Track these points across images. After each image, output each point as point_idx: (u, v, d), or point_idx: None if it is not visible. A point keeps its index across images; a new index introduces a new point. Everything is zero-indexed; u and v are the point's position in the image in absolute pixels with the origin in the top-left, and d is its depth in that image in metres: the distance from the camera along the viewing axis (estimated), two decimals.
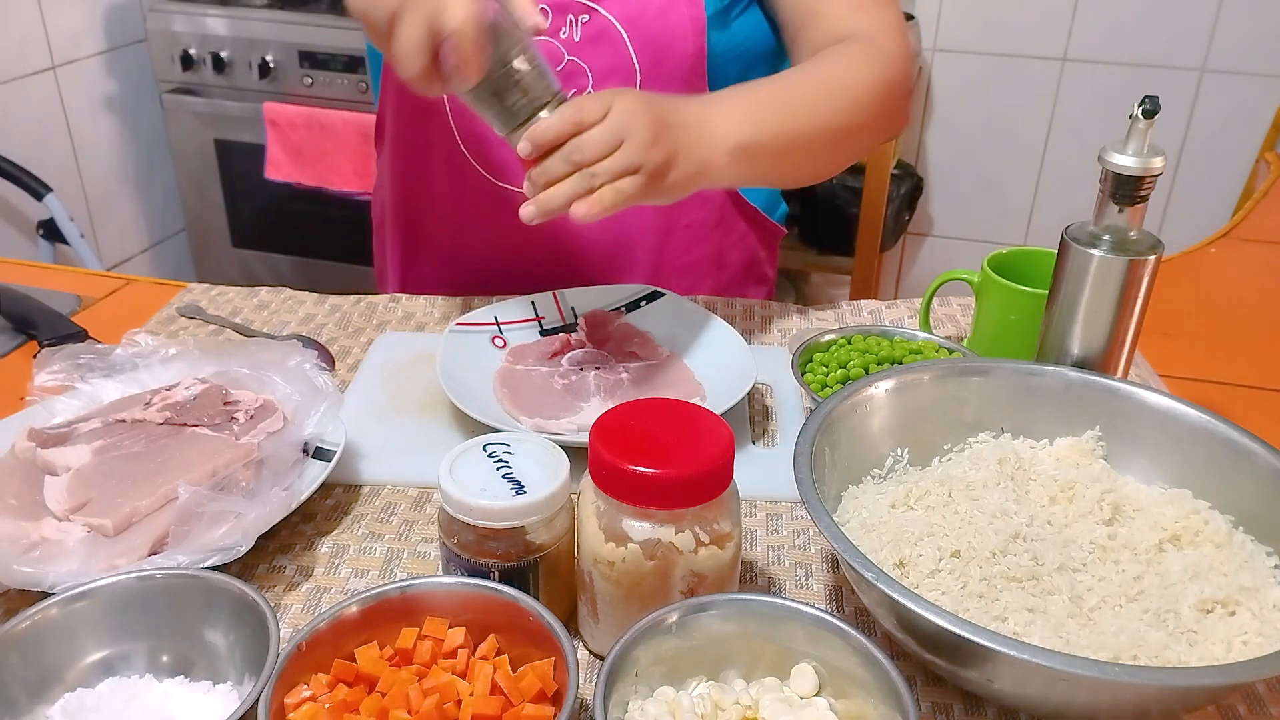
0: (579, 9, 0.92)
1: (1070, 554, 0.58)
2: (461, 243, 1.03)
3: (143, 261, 2.40)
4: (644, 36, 0.93)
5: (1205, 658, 0.52)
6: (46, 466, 0.67)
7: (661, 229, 1.02)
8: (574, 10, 0.92)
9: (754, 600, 0.53)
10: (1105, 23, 2.14)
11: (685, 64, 0.93)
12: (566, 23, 0.93)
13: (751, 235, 1.08)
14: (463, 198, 1.00)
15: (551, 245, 1.00)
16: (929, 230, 2.47)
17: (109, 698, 0.53)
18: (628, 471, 0.52)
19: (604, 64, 0.94)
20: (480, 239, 1.02)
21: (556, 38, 0.93)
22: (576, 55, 0.93)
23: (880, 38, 0.89)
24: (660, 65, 0.94)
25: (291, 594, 0.63)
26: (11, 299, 0.93)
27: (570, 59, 0.93)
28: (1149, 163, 0.65)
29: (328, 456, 0.69)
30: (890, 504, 0.62)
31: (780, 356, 0.88)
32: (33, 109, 2.04)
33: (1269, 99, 2.10)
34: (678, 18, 0.93)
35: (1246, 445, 0.61)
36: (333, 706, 0.49)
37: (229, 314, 0.97)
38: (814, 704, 0.50)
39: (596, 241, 1.01)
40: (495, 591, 0.53)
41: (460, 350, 0.83)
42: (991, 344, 0.82)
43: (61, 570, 0.57)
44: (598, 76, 0.94)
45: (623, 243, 1.02)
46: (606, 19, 0.92)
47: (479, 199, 0.99)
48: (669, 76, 0.94)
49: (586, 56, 0.93)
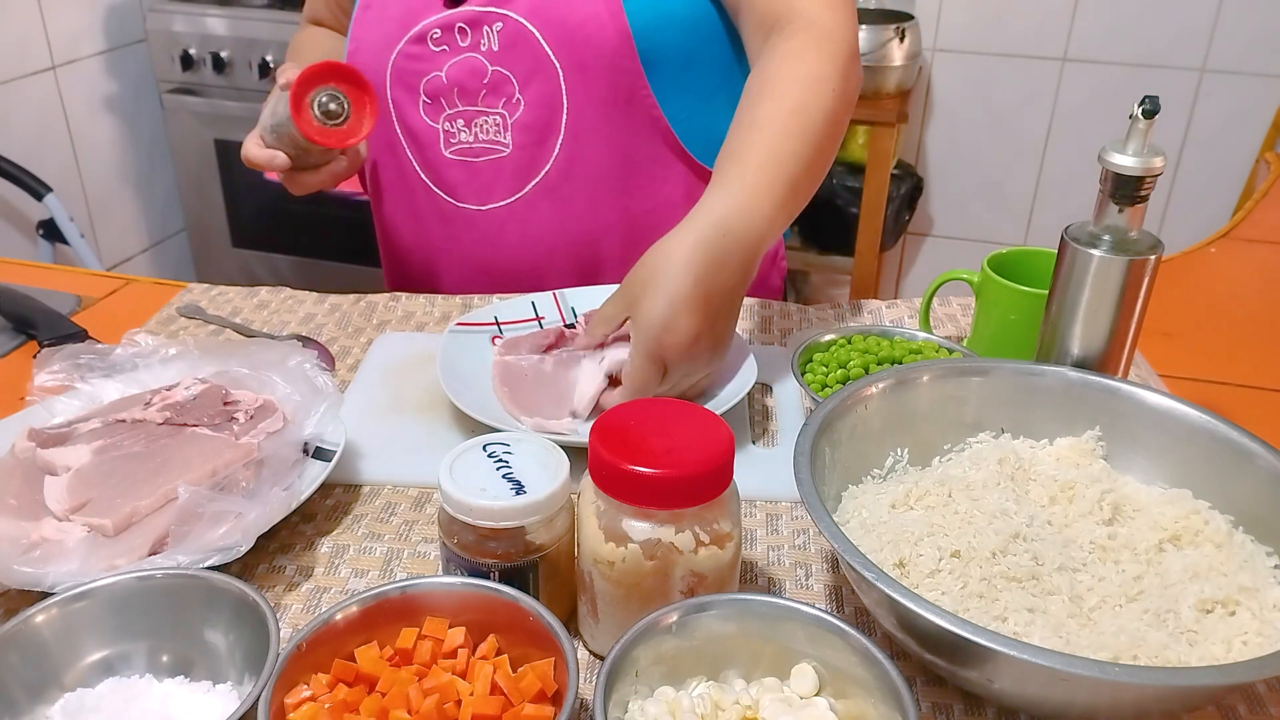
0: (493, 18, 0.92)
1: (1070, 554, 0.58)
2: (435, 262, 1.05)
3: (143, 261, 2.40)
4: (556, 31, 0.92)
5: (1205, 658, 0.52)
6: (46, 466, 0.67)
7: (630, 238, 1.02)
8: (488, 21, 0.93)
9: (754, 600, 0.53)
10: (1105, 23, 2.14)
11: (608, 49, 0.91)
12: (484, 34, 0.93)
13: None
14: (435, 222, 1.03)
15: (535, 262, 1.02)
16: (929, 230, 2.47)
17: (109, 698, 0.53)
18: (628, 471, 0.52)
19: (524, 68, 0.94)
20: (448, 256, 1.04)
21: (478, 51, 0.94)
22: (498, 64, 0.94)
23: (817, 12, 0.84)
24: (580, 56, 0.92)
25: (291, 594, 0.63)
26: (11, 299, 0.93)
27: (494, 70, 0.94)
28: (1149, 163, 0.65)
29: (328, 456, 0.69)
30: (890, 504, 0.62)
31: (780, 356, 0.88)
32: (33, 109, 2.04)
33: (1269, 99, 2.10)
34: (583, 7, 0.91)
35: (1246, 445, 0.61)
36: (333, 706, 0.49)
37: (229, 314, 0.97)
38: (814, 704, 0.50)
39: (575, 254, 1.01)
40: (495, 591, 0.53)
41: (460, 350, 0.83)
42: (991, 344, 0.82)
43: (61, 570, 0.57)
44: (522, 82, 0.94)
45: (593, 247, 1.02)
46: (518, 22, 0.92)
47: (443, 220, 1.02)
48: (593, 66, 0.93)
49: (507, 63, 0.94)
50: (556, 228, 1.00)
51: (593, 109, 0.95)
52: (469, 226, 1.01)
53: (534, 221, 0.99)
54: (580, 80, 0.93)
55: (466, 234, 1.01)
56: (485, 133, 0.96)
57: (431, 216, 1.02)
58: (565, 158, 0.96)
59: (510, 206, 0.99)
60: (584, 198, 0.99)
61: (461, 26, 0.93)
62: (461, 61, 0.94)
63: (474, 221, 1.00)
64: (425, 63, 0.95)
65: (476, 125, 0.96)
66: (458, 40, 0.94)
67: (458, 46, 0.94)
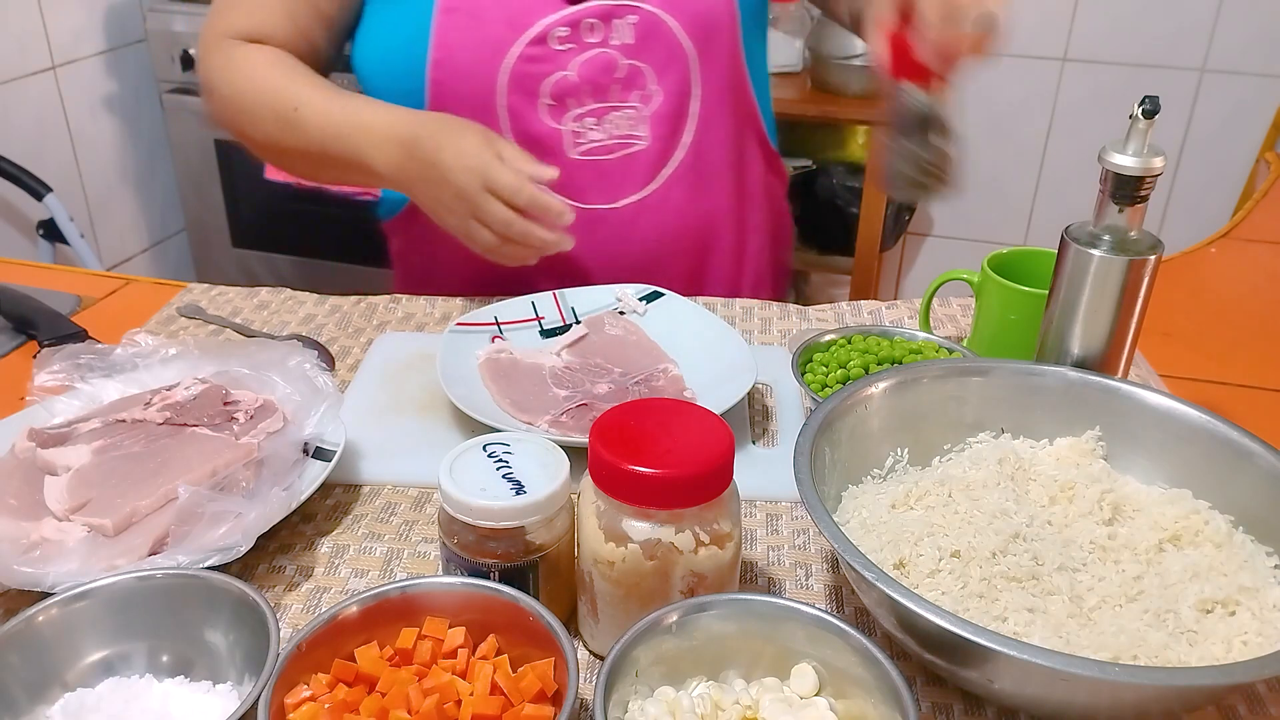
0: (624, 11, 0.92)
1: (1070, 554, 0.58)
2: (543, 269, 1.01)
3: (143, 261, 2.40)
4: (689, 19, 0.94)
5: (1205, 658, 0.52)
6: (46, 466, 0.67)
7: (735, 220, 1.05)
8: (619, 14, 0.92)
9: (754, 600, 0.53)
10: (1105, 23, 2.14)
11: (725, 35, 0.95)
12: (615, 28, 0.93)
13: (773, 181, 1.12)
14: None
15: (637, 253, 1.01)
16: (929, 230, 2.47)
17: (109, 698, 0.53)
18: (628, 471, 0.52)
19: (660, 58, 0.94)
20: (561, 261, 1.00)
21: (609, 46, 0.93)
22: (633, 57, 0.94)
23: None
24: (709, 43, 0.95)
25: (291, 594, 0.63)
26: (11, 299, 0.93)
27: (628, 63, 0.94)
28: (1149, 163, 0.65)
29: (328, 456, 0.69)
30: (890, 504, 0.62)
31: (780, 356, 0.88)
32: (33, 109, 2.04)
33: (1269, 99, 2.10)
34: None
35: (1246, 445, 0.61)
36: (333, 706, 0.49)
37: (229, 314, 0.97)
38: (814, 704, 0.50)
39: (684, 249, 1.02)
40: (495, 591, 0.53)
41: (460, 350, 0.83)
42: (991, 344, 0.82)
43: (61, 570, 0.57)
44: (657, 71, 0.95)
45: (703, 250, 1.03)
46: (652, 13, 0.93)
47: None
48: (717, 53, 0.96)
49: (642, 55, 0.94)
50: (683, 216, 1.01)
51: (718, 94, 0.98)
52: (594, 227, 0.98)
53: (666, 211, 1.00)
54: (708, 66, 0.96)
55: (590, 235, 0.98)
56: (619, 128, 0.96)
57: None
58: (695, 145, 0.98)
59: (644, 200, 0.99)
60: (708, 184, 1.01)
61: (590, 22, 0.92)
62: (592, 58, 0.93)
63: (601, 220, 0.99)
64: (548, 63, 0.93)
65: (609, 122, 0.95)
66: (586, 37, 0.92)
67: (586, 43, 0.93)
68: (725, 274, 1.06)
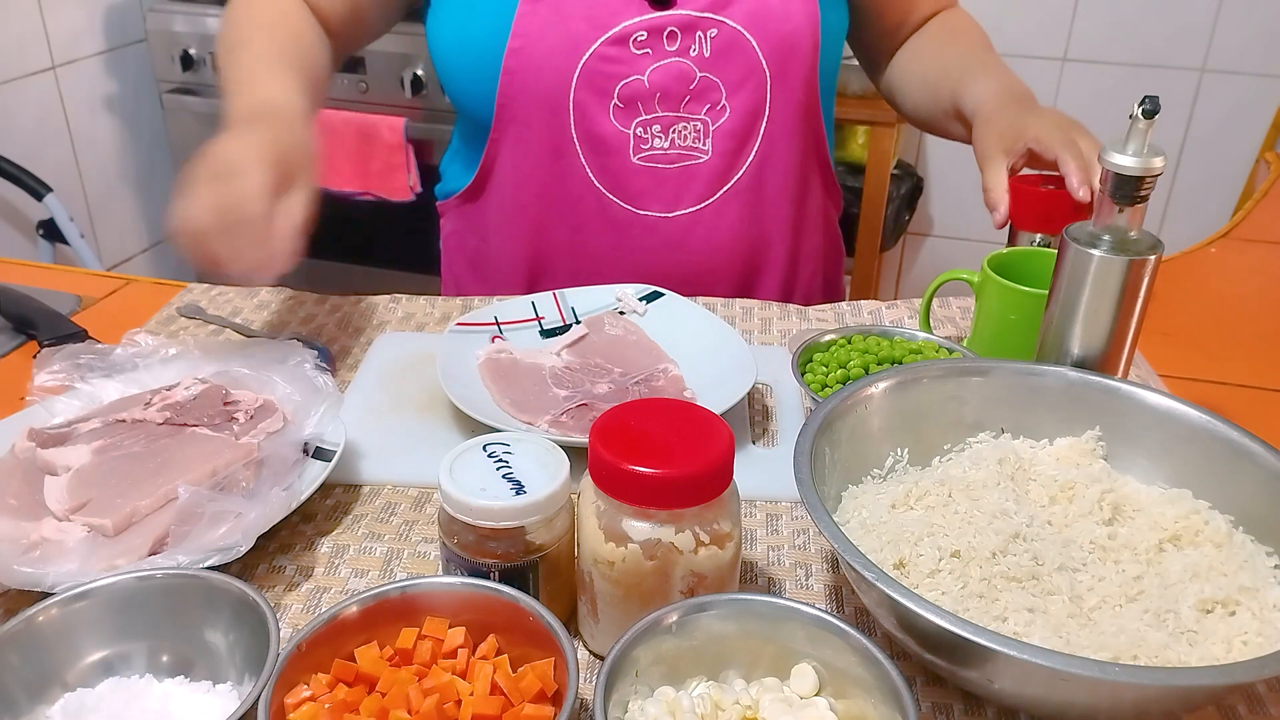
0: (707, 24, 0.92)
1: (1070, 554, 0.58)
2: (595, 268, 1.02)
3: (143, 261, 2.40)
4: (771, 40, 0.93)
5: (1205, 658, 0.52)
6: (46, 466, 0.67)
7: (789, 244, 1.05)
8: (702, 26, 0.92)
9: (754, 600, 0.53)
10: (1105, 23, 2.14)
11: (805, 60, 0.95)
12: (695, 40, 0.92)
13: (829, 206, 1.13)
14: (600, 229, 1.00)
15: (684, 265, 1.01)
16: (929, 230, 2.47)
17: (109, 698, 0.53)
18: (628, 471, 0.52)
19: (735, 75, 0.94)
20: (613, 263, 1.02)
21: (687, 56, 0.93)
22: (708, 70, 0.94)
23: (959, 11, 1.09)
24: (787, 65, 0.95)
25: (291, 594, 0.63)
26: (11, 299, 0.93)
27: (702, 75, 0.93)
28: (1149, 163, 0.65)
29: (328, 456, 0.69)
30: (890, 504, 0.62)
31: (780, 356, 0.88)
32: (33, 109, 2.04)
33: (1269, 99, 2.10)
34: (796, 13, 0.94)
35: (1246, 445, 0.61)
36: (333, 706, 0.49)
37: (229, 314, 0.97)
38: (814, 704, 0.50)
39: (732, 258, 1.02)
40: (495, 591, 0.53)
41: (460, 350, 0.83)
42: (991, 344, 0.82)
43: (61, 570, 0.57)
44: (730, 88, 0.95)
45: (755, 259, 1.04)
46: (734, 29, 0.92)
47: (614, 228, 0.99)
48: (793, 76, 0.96)
49: (718, 70, 0.94)
50: (736, 235, 1.01)
51: (789, 117, 0.97)
52: (647, 233, 0.99)
53: (720, 228, 1.00)
54: (783, 88, 0.96)
55: (642, 241, 0.99)
56: (683, 139, 0.96)
57: (597, 222, 0.99)
58: (758, 164, 0.98)
59: (699, 213, 0.99)
60: (766, 205, 1.01)
61: (672, 30, 0.92)
62: (667, 66, 0.93)
63: (654, 229, 0.99)
64: (624, 65, 0.93)
65: (675, 131, 0.95)
66: (665, 44, 0.92)
67: (664, 50, 0.93)
68: (773, 296, 1.06)
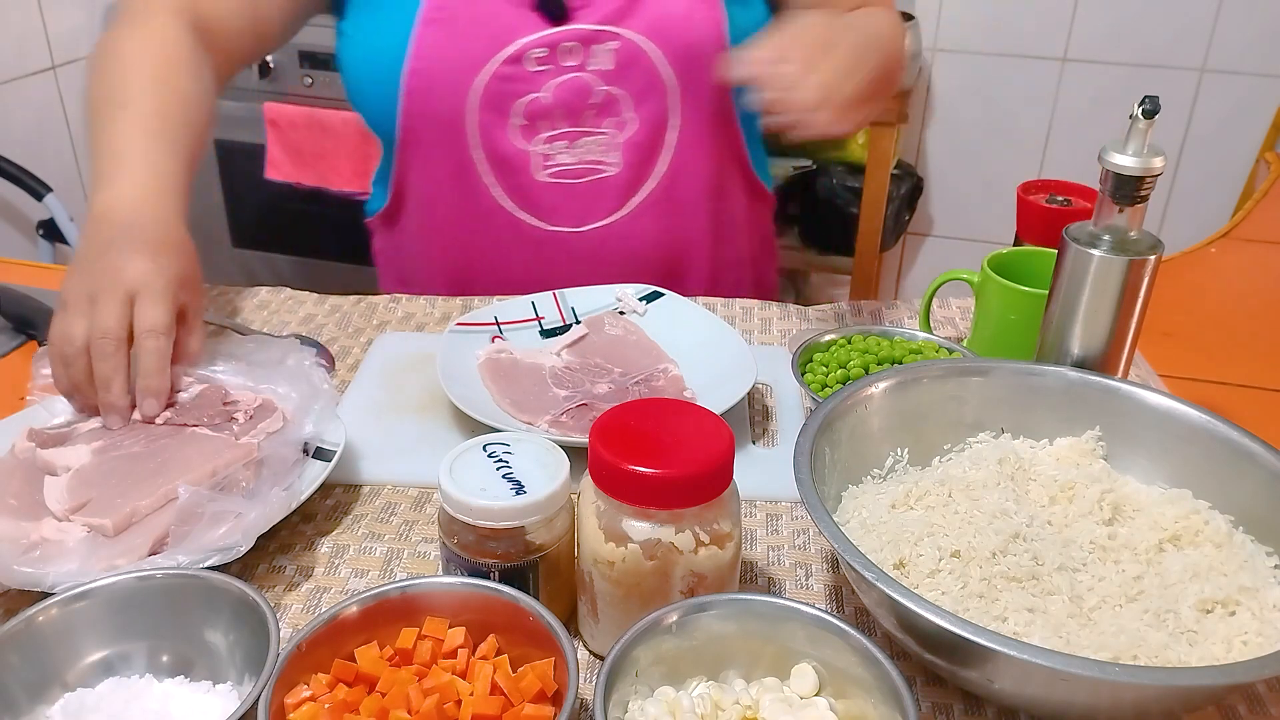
0: (605, 37, 0.91)
1: (1070, 554, 0.58)
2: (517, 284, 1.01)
3: None
4: (675, 49, 0.92)
5: (1205, 658, 0.52)
6: (46, 466, 0.67)
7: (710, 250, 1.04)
8: (600, 40, 0.91)
9: (754, 600, 0.53)
10: (1105, 23, 2.14)
11: (713, 68, 0.94)
12: (594, 54, 0.92)
13: (757, 208, 1.11)
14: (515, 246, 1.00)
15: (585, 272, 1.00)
16: (929, 230, 2.47)
17: (109, 698, 0.53)
18: (628, 471, 0.52)
19: (639, 86, 0.93)
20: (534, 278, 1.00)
21: (586, 70, 0.92)
22: (611, 84, 0.93)
23: (887, 8, 0.98)
24: (694, 74, 0.94)
25: (291, 594, 0.63)
26: (11, 299, 0.93)
27: (604, 89, 0.93)
28: (1149, 163, 0.65)
29: (328, 456, 0.69)
30: (890, 504, 0.62)
31: (780, 356, 0.88)
32: (32, 109, 2.04)
33: (1269, 99, 2.10)
34: (701, 20, 0.92)
35: (1246, 445, 0.61)
36: (333, 706, 0.49)
37: (229, 314, 0.97)
38: (814, 704, 0.50)
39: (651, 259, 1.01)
40: (495, 591, 0.53)
41: (460, 350, 0.83)
42: (991, 344, 0.82)
43: (61, 570, 0.57)
44: (634, 100, 0.94)
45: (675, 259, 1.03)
46: (635, 41, 0.91)
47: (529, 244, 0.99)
48: (703, 83, 0.94)
49: (620, 83, 0.93)
50: (651, 244, 1.00)
51: (700, 124, 0.97)
52: (561, 248, 0.99)
53: (634, 239, 0.99)
54: (692, 96, 0.95)
55: (558, 256, 0.99)
56: (589, 153, 0.95)
57: (511, 239, 0.99)
58: (671, 174, 0.97)
59: (611, 225, 0.98)
60: (681, 213, 1.00)
61: (569, 45, 0.91)
62: (567, 81, 0.92)
63: (567, 243, 0.98)
64: (523, 83, 0.92)
65: (580, 146, 0.95)
66: (563, 60, 0.92)
67: (563, 66, 0.92)
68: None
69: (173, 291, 0.72)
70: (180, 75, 0.86)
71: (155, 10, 0.89)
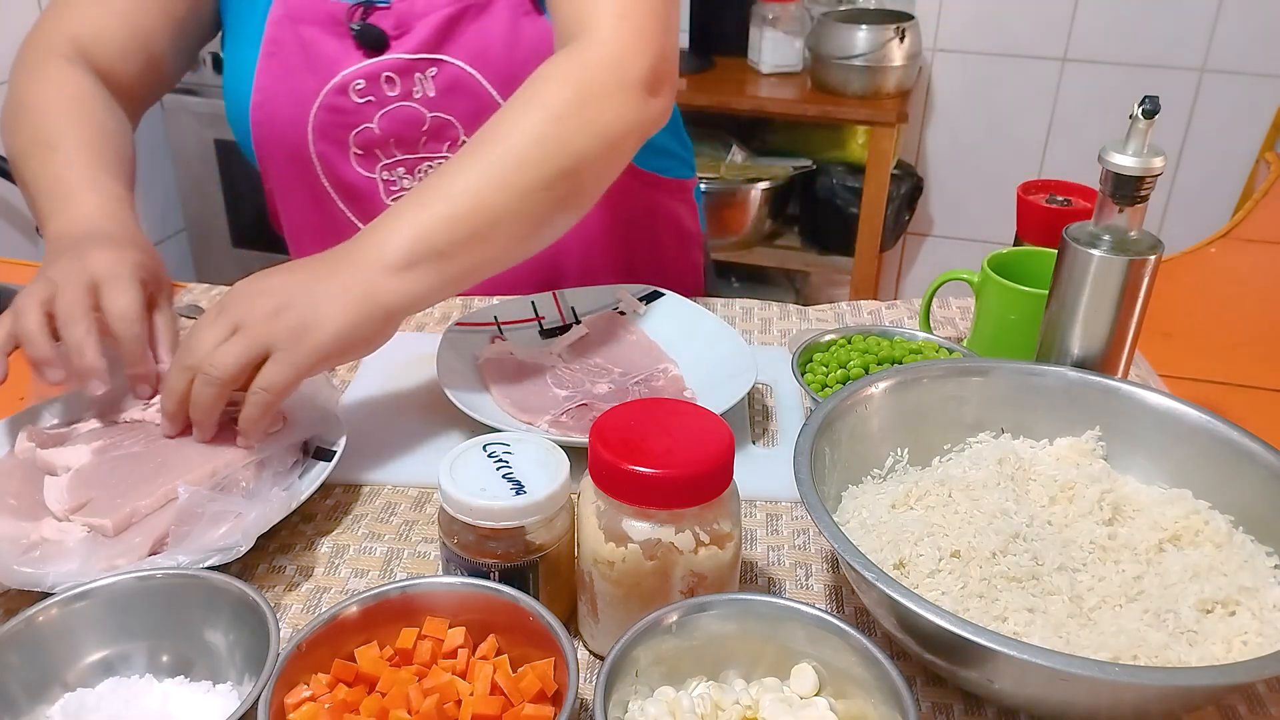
0: (424, 65, 0.89)
1: (1070, 554, 0.58)
2: None
3: None
4: (499, 73, 0.90)
5: (1205, 658, 0.52)
6: (46, 466, 0.67)
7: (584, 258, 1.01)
8: (420, 68, 0.90)
9: (754, 600, 0.53)
10: (1105, 23, 2.14)
11: None
12: (416, 82, 0.90)
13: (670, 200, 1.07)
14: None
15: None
16: (929, 230, 2.47)
17: (109, 698, 0.53)
18: (628, 471, 0.52)
19: (466, 110, 0.91)
20: None
21: (411, 99, 0.91)
22: (438, 110, 0.91)
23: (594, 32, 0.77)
24: None
25: (291, 594, 0.63)
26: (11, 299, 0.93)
27: (432, 115, 0.91)
28: (1149, 163, 0.65)
29: (328, 456, 0.69)
30: (890, 504, 0.62)
31: (780, 356, 0.88)
32: None
33: (1269, 99, 2.10)
34: (525, 39, 0.89)
35: (1246, 445, 0.61)
36: (333, 706, 0.49)
37: None
38: (814, 704, 0.50)
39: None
40: (495, 591, 0.53)
41: (460, 350, 0.83)
42: (991, 344, 0.82)
43: (61, 570, 0.57)
44: (465, 124, 0.92)
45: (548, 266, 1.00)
46: (457, 67, 0.90)
47: None
48: None
49: (448, 109, 0.91)
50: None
51: None
52: None
53: None
54: None
55: None
56: None
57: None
58: None
59: None
60: None
61: (389, 76, 0.90)
62: (394, 111, 0.91)
63: None
64: (351, 115, 0.91)
65: (420, 171, 0.94)
66: (385, 90, 0.90)
67: (386, 97, 0.91)
68: None
69: (138, 278, 0.72)
70: (98, 111, 0.86)
71: (51, 60, 0.89)
